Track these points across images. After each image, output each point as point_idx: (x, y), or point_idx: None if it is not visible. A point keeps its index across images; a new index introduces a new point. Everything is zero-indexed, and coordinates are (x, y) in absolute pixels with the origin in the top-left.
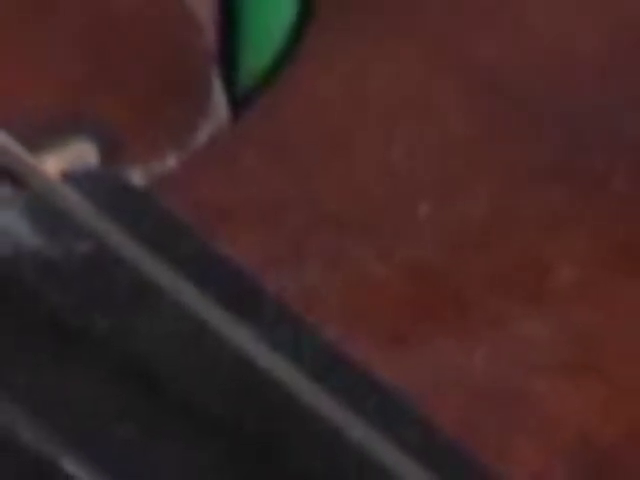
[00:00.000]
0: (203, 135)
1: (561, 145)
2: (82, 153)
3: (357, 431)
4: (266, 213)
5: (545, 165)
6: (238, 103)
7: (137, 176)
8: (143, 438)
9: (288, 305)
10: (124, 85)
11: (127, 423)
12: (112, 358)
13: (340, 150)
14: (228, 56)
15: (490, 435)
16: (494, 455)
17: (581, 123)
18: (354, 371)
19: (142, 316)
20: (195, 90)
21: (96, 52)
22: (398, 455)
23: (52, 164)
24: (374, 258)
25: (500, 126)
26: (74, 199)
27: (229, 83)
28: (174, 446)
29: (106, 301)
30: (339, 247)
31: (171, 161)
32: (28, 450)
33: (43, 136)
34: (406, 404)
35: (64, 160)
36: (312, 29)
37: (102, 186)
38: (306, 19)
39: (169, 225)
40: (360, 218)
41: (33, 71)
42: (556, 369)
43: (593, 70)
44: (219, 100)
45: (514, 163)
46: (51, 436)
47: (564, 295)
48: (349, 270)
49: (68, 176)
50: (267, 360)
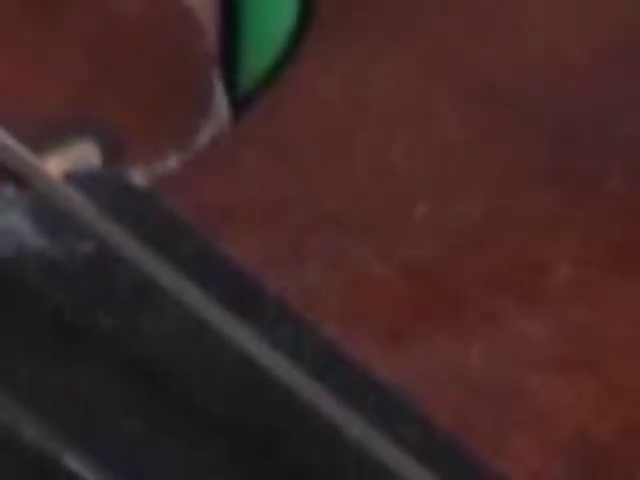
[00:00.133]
0: (205, 136)
1: (557, 146)
2: (85, 154)
3: (356, 428)
4: (267, 213)
5: (541, 166)
6: (239, 104)
7: (139, 177)
8: (146, 436)
9: (288, 304)
10: (127, 87)
11: (130, 421)
12: (115, 357)
13: (340, 151)
14: (229, 58)
15: (487, 432)
16: (491, 451)
17: (576, 125)
18: (353, 369)
19: (144, 315)
20: (197, 92)
21: (99, 54)
22: (397, 452)
23: (55, 165)
24: (373, 258)
25: (497, 128)
26: (77, 199)
27: (230, 85)
28: (176, 444)
29: (109, 300)
30: (339, 247)
31: (173, 162)
32: (31, 448)
33: (46, 137)
34: (405, 401)
35: (67, 161)
36: (312, 30)
37: (105, 187)
38: (307, 21)
39: (171, 225)
40: (360, 218)
41: (37, 72)
42: (552, 366)
43: (589, 73)
44: (221, 101)
45: (511, 164)
46: (54, 434)
47: (560, 294)
48: (349, 270)
49: (71, 177)
50: (268, 358)
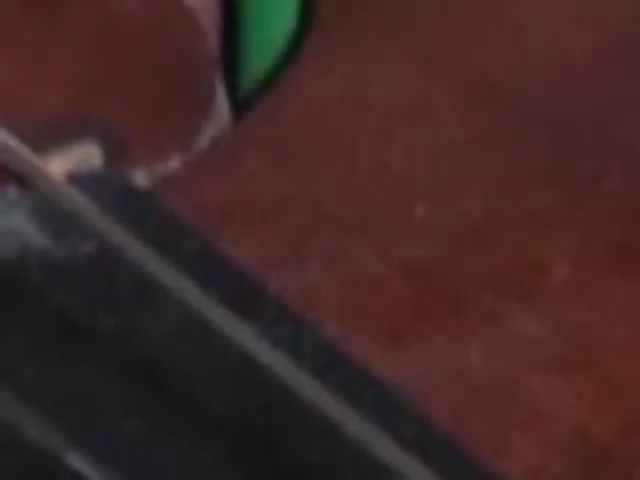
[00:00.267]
0: (205, 137)
1: (556, 147)
2: (87, 155)
3: (355, 426)
4: (267, 214)
5: (540, 167)
6: (240, 106)
7: (141, 178)
8: (147, 435)
9: (289, 304)
10: (128, 88)
11: (132, 420)
12: (117, 356)
13: (340, 151)
14: (230, 60)
15: (486, 431)
16: (490, 451)
17: (575, 125)
18: (353, 368)
19: (146, 315)
20: (198, 93)
21: (102, 55)
22: (395, 450)
23: (58, 166)
24: (373, 258)
25: (497, 128)
26: (79, 200)
27: (231, 86)
28: (178, 443)
29: (111, 300)
30: (339, 247)
31: (174, 163)
32: (34, 446)
33: (48, 138)
34: (404, 400)
35: (69, 162)
36: (312, 32)
37: (107, 187)
38: (306, 23)
39: (172, 226)
40: (359, 219)
41: (38, 73)
42: (551, 366)
43: (589, 73)
44: (221, 103)
45: (510, 165)
46: (57, 432)
47: (559, 294)
48: (348, 270)
49: (73, 178)
50: (268, 357)
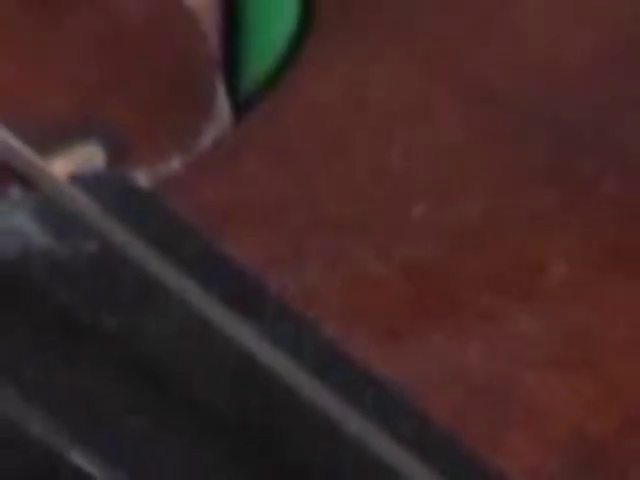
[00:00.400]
0: (207, 139)
1: (555, 147)
2: (90, 156)
3: (355, 425)
4: (268, 214)
5: (538, 168)
6: (241, 107)
7: (143, 178)
8: (149, 433)
9: (289, 304)
10: (130, 89)
11: (134, 418)
12: (119, 355)
13: (340, 152)
14: (231, 61)
15: (484, 429)
16: (488, 448)
17: (573, 126)
18: (353, 368)
19: (148, 314)
20: (199, 94)
21: (103, 56)
22: (395, 448)
23: (61, 167)
24: (373, 258)
25: (496, 128)
26: (82, 200)
27: (232, 88)
28: (179, 441)
29: (113, 299)
30: (339, 247)
31: (176, 164)
32: (37, 443)
33: (52, 140)
34: (403, 399)
35: (72, 163)
36: (313, 33)
37: (109, 188)
38: (307, 26)
39: (174, 226)
40: (359, 219)
41: (39, 74)
42: (548, 365)
43: (589, 73)
44: (222, 104)
45: (510, 165)
46: (59, 430)
47: (556, 294)
48: (348, 270)
49: (76, 178)
50: (268, 356)
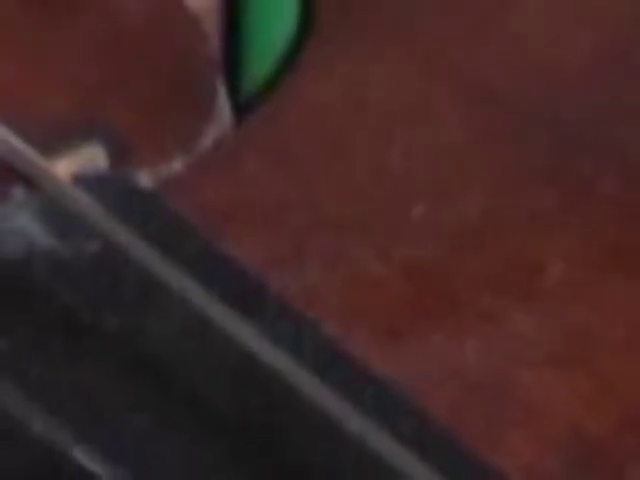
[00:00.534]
0: (208, 140)
1: (553, 148)
2: (92, 157)
3: (355, 423)
4: (268, 215)
5: (537, 168)
6: (241, 108)
7: (145, 179)
8: (151, 431)
9: (289, 303)
10: (130, 90)
11: (136, 416)
12: (121, 354)
13: (340, 152)
14: (232, 63)
15: (482, 427)
16: (486, 447)
17: (573, 126)
18: (353, 366)
19: (150, 313)
20: (200, 95)
21: (103, 56)
22: (395, 446)
23: (63, 167)
24: (373, 258)
25: (496, 128)
26: (84, 201)
27: (233, 89)
28: (181, 439)
29: (115, 299)
30: (339, 248)
31: (177, 165)
32: (40, 441)
33: (55, 140)
34: (402, 397)
35: (75, 163)
36: (313, 36)
37: (111, 188)
38: (307, 28)
39: (175, 226)
40: (359, 219)
41: (40, 74)
42: (546, 364)
43: (589, 73)
44: (223, 106)
45: (509, 165)
46: (63, 428)
47: (555, 294)
48: (348, 270)
49: (79, 179)
50: (269, 355)
